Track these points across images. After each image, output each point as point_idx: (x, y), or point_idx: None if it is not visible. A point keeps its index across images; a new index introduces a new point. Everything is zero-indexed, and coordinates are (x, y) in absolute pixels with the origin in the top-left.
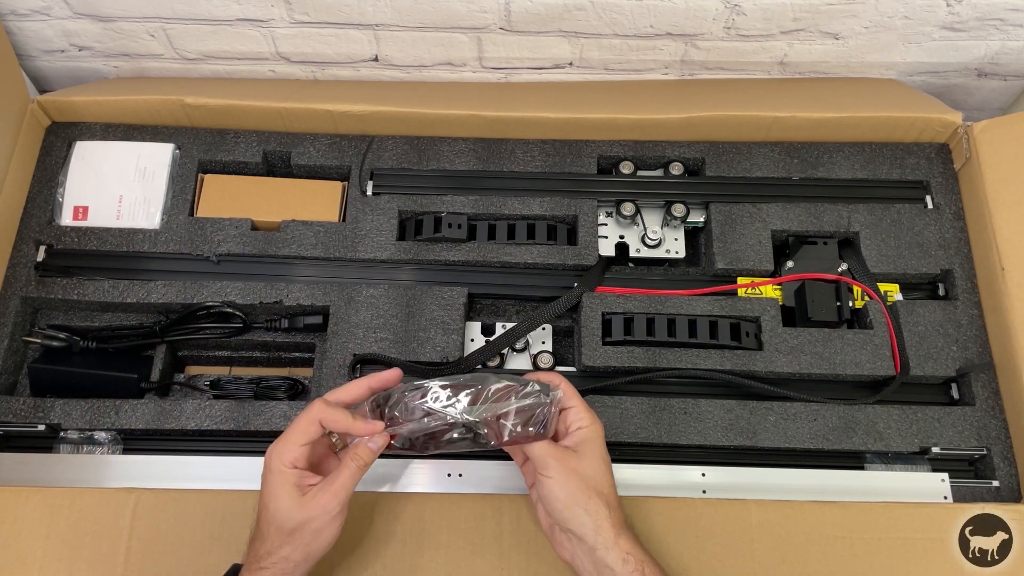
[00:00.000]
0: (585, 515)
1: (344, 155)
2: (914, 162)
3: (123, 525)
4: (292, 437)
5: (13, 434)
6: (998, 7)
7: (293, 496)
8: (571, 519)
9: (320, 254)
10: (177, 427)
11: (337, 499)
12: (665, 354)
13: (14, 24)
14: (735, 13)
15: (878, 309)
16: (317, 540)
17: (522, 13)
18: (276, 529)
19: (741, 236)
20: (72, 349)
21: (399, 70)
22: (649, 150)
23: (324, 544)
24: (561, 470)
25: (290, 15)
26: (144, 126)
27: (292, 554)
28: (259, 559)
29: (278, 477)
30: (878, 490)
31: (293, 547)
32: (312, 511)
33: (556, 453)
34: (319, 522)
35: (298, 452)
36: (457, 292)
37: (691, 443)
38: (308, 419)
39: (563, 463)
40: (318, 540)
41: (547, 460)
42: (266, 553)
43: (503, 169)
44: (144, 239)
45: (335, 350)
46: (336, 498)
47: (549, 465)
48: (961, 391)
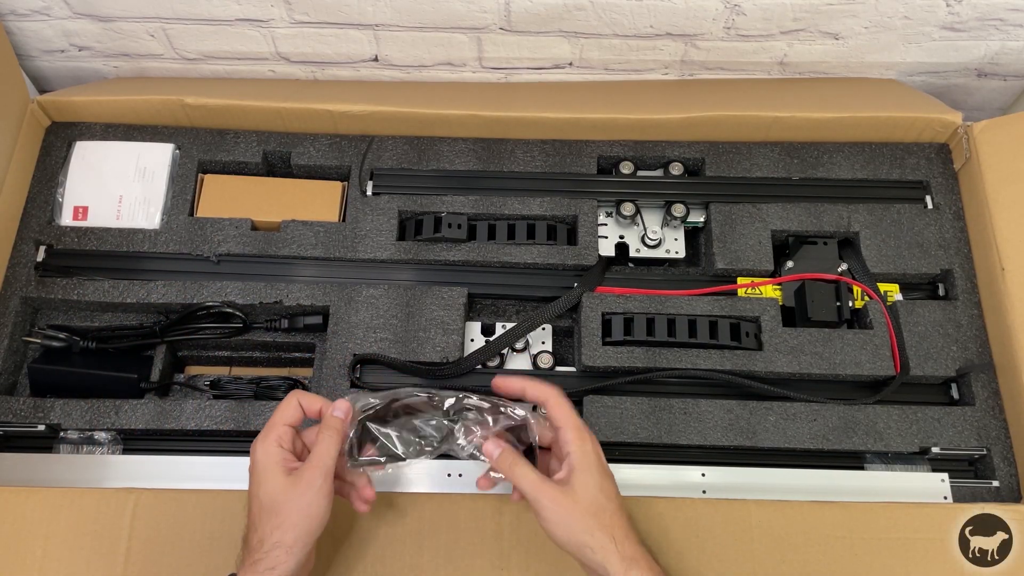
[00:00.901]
0: (591, 552)
1: (344, 155)
2: (914, 162)
3: (123, 525)
4: (273, 419)
5: (13, 434)
6: (998, 7)
7: (279, 476)
8: (576, 555)
9: (320, 254)
10: (177, 427)
11: (318, 470)
12: (665, 354)
13: (14, 24)
14: (735, 13)
15: (878, 309)
16: (306, 520)
17: (522, 13)
18: (266, 512)
19: (741, 236)
20: (72, 349)
21: (399, 70)
22: (649, 150)
23: (314, 525)
24: (556, 511)
25: (290, 15)
26: (144, 126)
27: (284, 537)
28: (252, 552)
29: (263, 459)
30: (878, 490)
31: (284, 530)
32: (298, 487)
33: (549, 493)
34: (306, 497)
35: (281, 430)
36: (457, 292)
37: (691, 443)
38: (287, 399)
39: (557, 503)
40: (308, 520)
41: (541, 502)
42: (258, 542)
43: (503, 169)
44: (144, 239)
45: (335, 350)
46: (317, 469)
47: (544, 507)
48: (961, 391)
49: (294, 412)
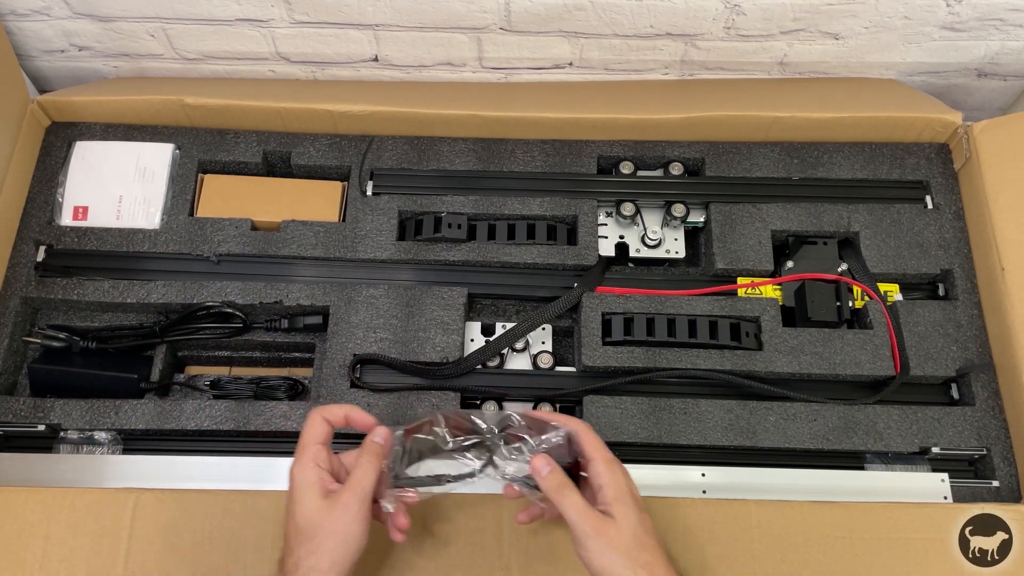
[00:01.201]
0: None
1: (344, 155)
2: (914, 162)
3: (123, 525)
4: (303, 440)
5: (13, 434)
6: (998, 7)
7: (316, 497)
8: None
9: (320, 254)
10: (177, 427)
11: (355, 496)
12: (665, 354)
13: (14, 24)
14: (735, 13)
15: (878, 309)
16: (343, 545)
17: (522, 13)
18: (302, 536)
19: (741, 236)
20: (72, 349)
21: (399, 70)
22: (649, 150)
23: (351, 551)
24: (599, 541)
25: (290, 15)
26: (144, 126)
27: (319, 563)
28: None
29: (299, 480)
30: (878, 490)
31: (319, 555)
32: (334, 511)
33: (594, 522)
34: (342, 522)
35: (314, 450)
36: (457, 292)
37: (691, 443)
38: (311, 418)
39: (601, 534)
40: (344, 545)
41: (584, 531)
42: (293, 566)
43: (503, 169)
44: (144, 239)
45: (335, 350)
46: (354, 494)
47: (587, 536)
48: (961, 391)
49: (321, 429)
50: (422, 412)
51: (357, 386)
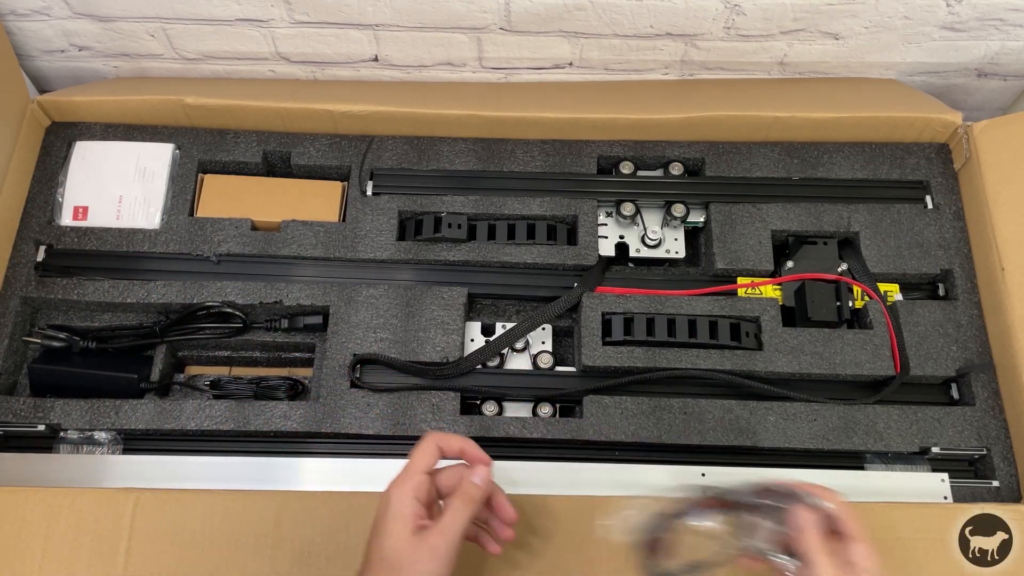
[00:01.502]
0: None
1: (344, 155)
2: (914, 162)
3: (123, 525)
4: (412, 465)
5: (13, 434)
6: (998, 7)
7: (406, 531)
8: None
9: (320, 254)
10: (177, 427)
11: (444, 539)
12: (665, 354)
13: (14, 24)
14: (735, 13)
15: (878, 309)
16: None
17: (522, 13)
18: (386, 565)
19: (741, 236)
20: (72, 349)
21: (399, 70)
22: (649, 150)
23: None
24: None
25: (290, 15)
26: (144, 126)
27: None
28: None
29: (397, 508)
30: (878, 490)
31: None
32: (421, 550)
33: None
34: (425, 563)
35: (419, 479)
36: (457, 292)
37: (691, 443)
38: (425, 443)
39: None
40: None
41: None
42: None
43: (503, 169)
44: (144, 239)
45: (335, 350)
46: (443, 538)
47: None
48: (961, 391)
49: (432, 457)
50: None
51: (357, 386)
